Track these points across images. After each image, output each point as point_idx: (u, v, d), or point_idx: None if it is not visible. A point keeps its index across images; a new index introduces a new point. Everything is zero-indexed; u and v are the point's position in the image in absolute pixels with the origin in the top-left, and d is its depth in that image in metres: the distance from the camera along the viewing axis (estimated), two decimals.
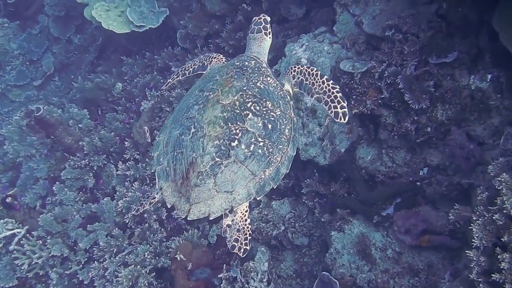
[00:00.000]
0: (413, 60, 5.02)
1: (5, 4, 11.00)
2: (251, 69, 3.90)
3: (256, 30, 4.26)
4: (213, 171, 3.46)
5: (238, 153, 3.47)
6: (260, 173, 3.54)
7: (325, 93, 3.88)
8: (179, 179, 3.57)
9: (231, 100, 3.63)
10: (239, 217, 3.69)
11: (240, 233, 3.66)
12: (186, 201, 3.54)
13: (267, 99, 3.71)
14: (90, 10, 8.06)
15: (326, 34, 5.92)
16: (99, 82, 8.04)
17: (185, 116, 3.74)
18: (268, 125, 3.60)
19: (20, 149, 7.19)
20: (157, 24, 7.74)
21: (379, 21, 5.50)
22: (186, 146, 3.57)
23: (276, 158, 3.60)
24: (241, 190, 3.52)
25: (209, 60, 4.49)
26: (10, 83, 10.16)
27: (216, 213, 3.52)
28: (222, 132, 3.50)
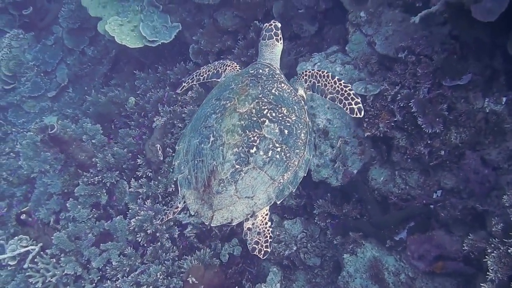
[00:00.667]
0: (427, 82, 4.97)
1: (20, 15, 11.12)
2: (265, 77, 3.98)
3: (267, 37, 4.32)
4: (234, 178, 3.52)
5: (257, 160, 3.53)
6: (279, 177, 3.60)
7: (338, 92, 4.00)
8: (201, 187, 3.63)
9: (247, 108, 3.69)
10: (259, 220, 3.72)
11: (260, 236, 3.68)
12: (209, 208, 3.59)
13: (282, 105, 3.78)
14: (104, 24, 8.10)
15: (338, 54, 5.88)
16: (112, 97, 8.07)
17: (203, 125, 3.81)
18: (284, 130, 3.67)
19: (35, 165, 7.27)
20: (169, 39, 7.74)
21: (392, 41, 5.45)
22: (206, 155, 3.63)
23: (293, 162, 3.67)
24: (261, 195, 3.58)
25: (223, 68, 4.55)
26: (25, 94, 10.25)
27: (238, 218, 3.58)
28: (241, 140, 3.57)
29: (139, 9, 8.19)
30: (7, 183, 8.38)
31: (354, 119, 5.47)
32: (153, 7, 8.04)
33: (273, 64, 4.29)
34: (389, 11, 5.53)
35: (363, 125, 5.25)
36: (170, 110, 7.25)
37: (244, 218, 3.61)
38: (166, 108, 7.28)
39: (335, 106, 5.54)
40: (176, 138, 6.87)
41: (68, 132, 7.28)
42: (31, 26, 11.04)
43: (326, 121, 5.53)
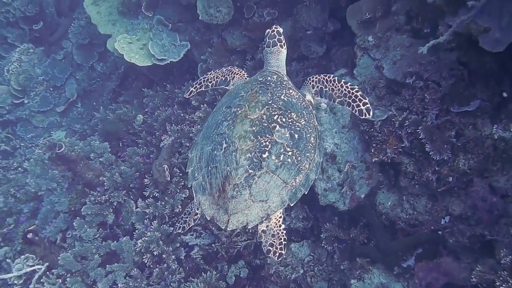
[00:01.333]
0: (435, 108, 4.95)
1: (30, 29, 11.22)
2: (274, 84, 4.08)
3: (272, 44, 4.40)
4: (248, 183, 3.60)
5: (269, 164, 3.62)
6: (291, 180, 3.69)
7: (346, 95, 4.10)
8: (216, 192, 3.71)
9: (258, 114, 3.79)
10: (273, 223, 3.80)
11: (275, 238, 3.76)
12: (224, 212, 3.68)
13: (292, 110, 3.87)
14: (113, 42, 8.14)
15: (346, 77, 5.88)
16: (121, 114, 8.11)
17: (215, 133, 3.88)
18: (294, 135, 3.76)
19: (42, 183, 7.30)
20: (178, 58, 7.78)
21: (399, 66, 5.43)
22: (220, 161, 3.71)
23: (305, 165, 3.76)
24: (275, 198, 3.66)
25: (232, 76, 4.64)
26: (34, 109, 10.32)
27: (253, 221, 3.66)
28: (253, 145, 3.66)
29: (148, 27, 8.24)
30: (15, 199, 8.42)
31: (361, 143, 5.47)
32: (162, 25, 8.08)
33: (280, 71, 4.40)
34: (397, 36, 5.51)
35: (370, 151, 5.24)
36: (177, 129, 7.26)
37: (259, 221, 3.68)
38: (174, 127, 7.30)
39: (342, 131, 5.53)
40: (184, 158, 6.88)
41: (76, 150, 7.32)
42: (41, 41, 11.16)
43: (333, 146, 5.51)
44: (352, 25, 5.91)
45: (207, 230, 6.36)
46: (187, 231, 6.26)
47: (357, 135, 5.50)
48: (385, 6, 5.57)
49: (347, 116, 5.51)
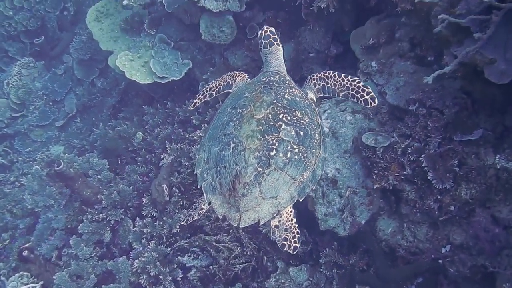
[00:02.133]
0: (437, 136, 4.93)
1: (31, 43, 11.23)
2: (277, 83, 4.19)
3: (268, 44, 4.45)
4: (257, 180, 3.68)
5: (277, 161, 3.71)
6: (299, 177, 3.78)
7: (349, 88, 4.19)
8: (226, 191, 3.78)
9: (264, 114, 3.88)
10: (285, 217, 3.90)
11: (288, 232, 3.85)
12: (236, 210, 3.75)
13: (296, 108, 3.97)
14: (114, 59, 8.14)
15: (348, 102, 5.86)
16: (120, 131, 8.08)
17: (222, 133, 3.97)
18: (300, 132, 3.85)
19: (39, 200, 7.23)
20: (179, 76, 7.78)
21: (403, 92, 5.44)
22: (229, 161, 3.79)
23: (311, 161, 3.85)
24: (284, 194, 3.75)
25: (233, 79, 4.75)
26: (32, 123, 10.29)
27: (265, 218, 3.74)
28: (261, 144, 3.74)
29: (150, 45, 8.25)
30: (11, 215, 8.34)
31: (363, 169, 5.44)
32: (164, 43, 8.09)
33: (281, 70, 4.52)
34: (400, 62, 5.52)
35: (372, 177, 5.20)
36: (177, 148, 7.22)
37: (270, 217, 3.76)
38: (174, 145, 7.26)
39: (344, 156, 5.50)
40: (183, 178, 6.84)
41: (74, 167, 7.29)
42: (42, 55, 11.17)
43: (335, 171, 5.48)
44: (355, 50, 5.92)
45: (204, 252, 6.30)
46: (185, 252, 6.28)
47: (359, 161, 5.47)
48: (389, 32, 5.58)
49: (349, 141, 5.48)
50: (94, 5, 9.24)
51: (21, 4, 11.38)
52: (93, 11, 9.10)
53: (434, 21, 4.54)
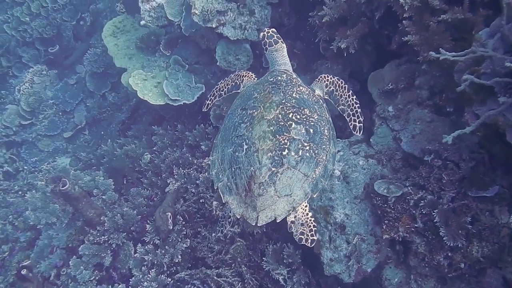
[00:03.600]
0: (451, 190, 4.83)
1: (45, 51, 11.22)
2: (284, 83, 4.33)
3: (273, 42, 4.62)
4: (272, 180, 3.84)
5: (290, 160, 3.86)
6: (311, 173, 3.94)
7: (349, 107, 4.53)
8: (243, 192, 3.92)
9: (274, 114, 4.02)
10: (300, 212, 4.05)
11: (304, 227, 4.01)
12: (253, 210, 3.89)
13: (304, 106, 4.13)
14: (128, 77, 8.06)
15: (362, 144, 5.76)
16: (128, 150, 7.99)
17: (234, 135, 4.11)
18: (310, 130, 4.01)
19: (42, 217, 7.12)
20: (192, 100, 7.67)
21: (418, 141, 5.33)
22: (243, 162, 3.93)
23: (322, 157, 4.02)
24: (298, 191, 3.90)
25: (240, 79, 4.90)
26: (41, 132, 10.23)
27: (281, 215, 3.89)
28: (273, 144, 3.89)
29: (165, 65, 8.18)
30: (12, 227, 8.27)
31: (373, 216, 5.33)
32: (179, 65, 8.02)
33: (287, 68, 4.69)
34: (418, 109, 5.42)
35: (382, 227, 5.08)
36: (184, 173, 7.12)
37: (286, 214, 3.91)
38: (181, 171, 7.15)
39: (354, 201, 5.39)
40: (188, 206, 6.74)
41: (80, 184, 7.21)
42: (55, 63, 11.18)
43: (344, 216, 5.37)
44: (373, 93, 5.83)
45: (205, 285, 6.18)
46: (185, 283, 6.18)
47: (369, 207, 5.36)
48: (408, 78, 5.49)
49: (360, 186, 5.38)
50: (111, 20, 9.20)
51: (38, 11, 11.44)
52: (109, 26, 9.06)
53: (457, 76, 4.45)
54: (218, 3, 6.98)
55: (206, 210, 6.71)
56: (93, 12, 11.52)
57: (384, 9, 5.28)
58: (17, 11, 11.53)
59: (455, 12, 4.69)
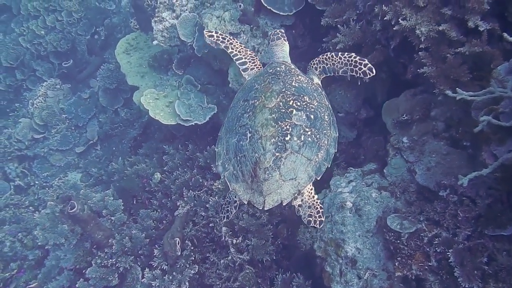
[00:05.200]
0: (467, 228, 4.66)
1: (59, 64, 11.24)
2: (283, 73, 4.52)
3: (276, 38, 5.04)
4: (277, 165, 3.98)
5: (292, 145, 4.01)
6: (314, 157, 4.10)
7: (346, 64, 4.67)
8: (249, 178, 4.07)
9: (275, 102, 4.19)
10: (306, 196, 4.23)
11: (312, 209, 4.21)
12: (259, 194, 4.04)
13: (304, 94, 4.30)
14: (140, 96, 8.02)
15: (375, 175, 5.62)
16: (138, 170, 7.93)
17: (237, 125, 4.26)
18: (310, 116, 4.17)
19: (50, 237, 7.08)
20: (203, 120, 7.58)
21: (433, 173, 5.17)
22: (247, 150, 4.08)
23: (323, 142, 4.18)
24: (302, 175, 4.06)
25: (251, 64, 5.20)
26: (53, 147, 10.22)
27: (287, 199, 4.06)
28: (275, 131, 4.04)
29: (177, 85, 8.12)
30: (21, 244, 8.24)
31: (385, 251, 5.17)
32: (191, 85, 7.95)
33: (286, 60, 4.93)
34: (433, 141, 5.26)
35: (394, 263, 4.93)
36: (194, 195, 7.03)
37: (292, 197, 4.07)
38: (191, 193, 7.07)
39: (366, 235, 5.24)
40: (197, 230, 6.66)
41: (89, 204, 7.16)
42: (69, 77, 11.21)
43: (355, 250, 5.22)
44: (387, 122, 5.69)
45: None
46: None
47: (381, 242, 5.20)
48: (424, 109, 5.33)
49: (373, 220, 5.22)
50: (125, 37, 9.19)
51: (53, 24, 11.51)
52: (123, 43, 9.05)
53: (474, 113, 4.33)
54: (231, 25, 6.91)
55: (215, 235, 6.62)
56: (108, 27, 11.55)
57: (400, 38, 5.14)
58: (33, 24, 11.60)
59: (473, 45, 4.56)
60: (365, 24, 5.69)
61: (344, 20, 5.79)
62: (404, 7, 4.95)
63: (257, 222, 6.32)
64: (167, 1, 7.69)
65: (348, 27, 5.66)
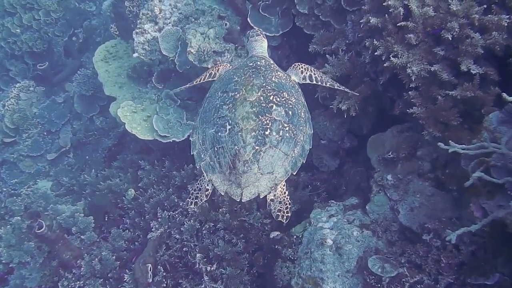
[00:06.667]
0: (450, 276, 4.55)
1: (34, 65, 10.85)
2: (264, 67, 4.56)
3: (255, 34, 5.09)
4: (256, 158, 4.04)
5: (271, 140, 4.09)
6: (291, 152, 4.18)
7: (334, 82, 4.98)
8: (227, 170, 4.12)
9: (256, 96, 4.23)
10: (279, 191, 4.25)
11: (281, 204, 4.23)
12: (237, 186, 4.10)
13: (283, 90, 4.37)
14: (116, 107, 7.74)
15: (357, 211, 5.48)
16: (112, 185, 7.64)
17: (216, 116, 4.27)
18: (289, 112, 4.25)
19: (15, 255, 6.76)
20: (182, 138, 7.34)
21: (417, 214, 5.05)
22: (226, 141, 4.11)
23: (300, 138, 4.27)
24: (279, 169, 4.15)
25: (216, 69, 5.12)
26: (23, 152, 9.83)
27: (264, 192, 4.12)
28: (256, 124, 4.09)
29: (156, 98, 7.87)
30: None
31: None
32: (171, 100, 7.70)
33: (265, 56, 5.00)
34: (418, 181, 5.14)
35: None
36: (169, 216, 6.77)
37: (269, 191, 4.14)
38: (165, 213, 6.81)
39: (346, 275, 5.08)
40: (170, 255, 6.41)
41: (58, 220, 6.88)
42: (44, 79, 10.81)
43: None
44: (371, 158, 5.56)
45: None
46: None
47: (361, 283, 5.04)
48: (410, 148, 5.21)
49: (353, 260, 5.06)
50: (104, 44, 8.89)
51: (30, 23, 11.10)
52: (102, 50, 8.75)
53: (464, 162, 4.19)
54: (215, 43, 6.69)
55: (189, 260, 6.38)
56: (87, 29, 11.20)
57: (389, 74, 5.00)
58: (8, 21, 11.15)
59: (465, 89, 4.45)
60: (354, 55, 5.54)
61: (332, 49, 5.63)
62: (395, 44, 4.82)
63: (233, 250, 6.12)
64: (150, 13, 7.42)
65: (337, 57, 5.51)
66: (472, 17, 4.40)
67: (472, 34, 4.39)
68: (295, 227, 5.88)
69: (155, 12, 7.40)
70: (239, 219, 6.33)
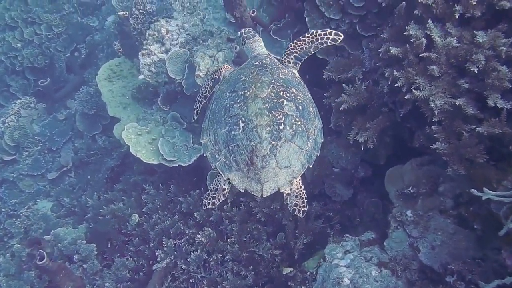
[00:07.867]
0: None
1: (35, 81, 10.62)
2: (270, 65, 4.55)
3: (251, 35, 4.98)
4: (273, 152, 4.07)
5: (286, 134, 4.11)
6: (305, 146, 4.22)
7: (313, 42, 4.73)
8: (244, 167, 4.15)
9: (266, 92, 4.24)
10: (295, 185, 4.28)
11: (298, 198, 4.29)
12: (257, 182, 4.16)
13: (291, 86, 4.40)
14: (121, 129, 7.52)
15: (374, 247, 5.23)
16: (115, 210, 7.39)
17: (227, 116, 4.27)
18: (299, 106, 4.27)
19: (15, 285, 6.49)
20: (188, 162, 7.10)
21: (438, 253, 4.80)
22: (241, 139, 4.12)
23: (312, 132, 4.31)
24: (296, 163, 4.19)
25: (219, 72, 5.05)
26: (23, 171, 9.57)
27: (284, 186, 4.20)
28: (270, 120, 4.10)
29: (161, 121, 7.64)
30: None
31: None
32: (177, 122, 7.48)
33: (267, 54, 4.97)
34: (440, 218, 4.90)
35: None
36: (174, 244, 6.53)
37: (288, 185, 4.20)
38: (171, 242, 6.57)
39: None
40: (177, 287, 6.15)
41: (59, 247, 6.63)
42: (45, 95, 10.58)
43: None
44: (390, 192, 5.32)
45: None
46: None
47: None
48: (431, 183, 4.98)
49: None
50: (108, 62, 8.68)
51: (31, 37, 10.87)
52: (105, 69, 8.53)
53: (494, 205, 3.95)
54: None
55: None
56: (89, 44, 10.96)
57: (410, 107, 4.77)
58: (9, 35, 10.93)
59: (492, 125, 4.20)
60: (371, 84, 5.32)
61: (349, 78, 5.40)
62: (417, 75, 4.60)
63: (243, 283, 5.89)
64: (157, 34, 7.20)
65: (354, 86, 5.28)
66: (500, 49, 4.18)
67: (499, 67, 4.18)
68: (308, 261, 5.64)
69: (162, 33, 7.18)
70: (248, 250, 6.09)
